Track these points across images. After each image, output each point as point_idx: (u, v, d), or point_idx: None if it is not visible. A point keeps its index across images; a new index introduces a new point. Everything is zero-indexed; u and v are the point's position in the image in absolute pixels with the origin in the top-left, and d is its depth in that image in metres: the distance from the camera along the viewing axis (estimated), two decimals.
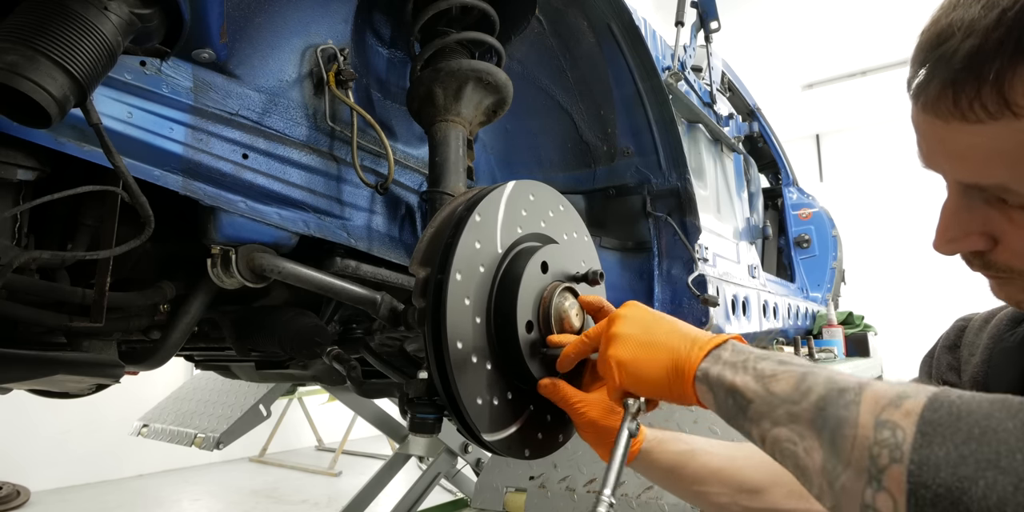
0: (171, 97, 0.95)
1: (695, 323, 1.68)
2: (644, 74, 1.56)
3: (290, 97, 1.14)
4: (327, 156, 1.20)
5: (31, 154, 0.88)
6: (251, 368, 1.99)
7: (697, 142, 2.49)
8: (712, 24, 2.45)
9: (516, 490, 1.72)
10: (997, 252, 0.56)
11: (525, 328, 0.83)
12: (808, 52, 7.28)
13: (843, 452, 0.48)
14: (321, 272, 1.15)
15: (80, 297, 0.99)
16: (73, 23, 0.74)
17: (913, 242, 8.37)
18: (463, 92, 1.17)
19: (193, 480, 5.38)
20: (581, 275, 0.93)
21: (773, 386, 0.57)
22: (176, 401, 3.60)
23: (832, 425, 0.50)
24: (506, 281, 0.85)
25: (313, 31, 1.18)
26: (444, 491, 3.75)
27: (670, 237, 1.69)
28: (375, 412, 3.35)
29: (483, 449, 0.85)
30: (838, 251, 4.11)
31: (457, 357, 0.77)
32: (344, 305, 1.45)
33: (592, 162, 1.72)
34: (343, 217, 1.23)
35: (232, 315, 1.33)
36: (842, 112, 8.91)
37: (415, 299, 0.84)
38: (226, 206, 1.02)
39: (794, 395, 0.54)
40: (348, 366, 1.40)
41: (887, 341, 4.87)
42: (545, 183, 0.99)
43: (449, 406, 0.79)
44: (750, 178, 3.30)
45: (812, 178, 9.18)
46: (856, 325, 3.85)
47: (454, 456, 2.96)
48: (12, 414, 4.60)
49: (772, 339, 2.84)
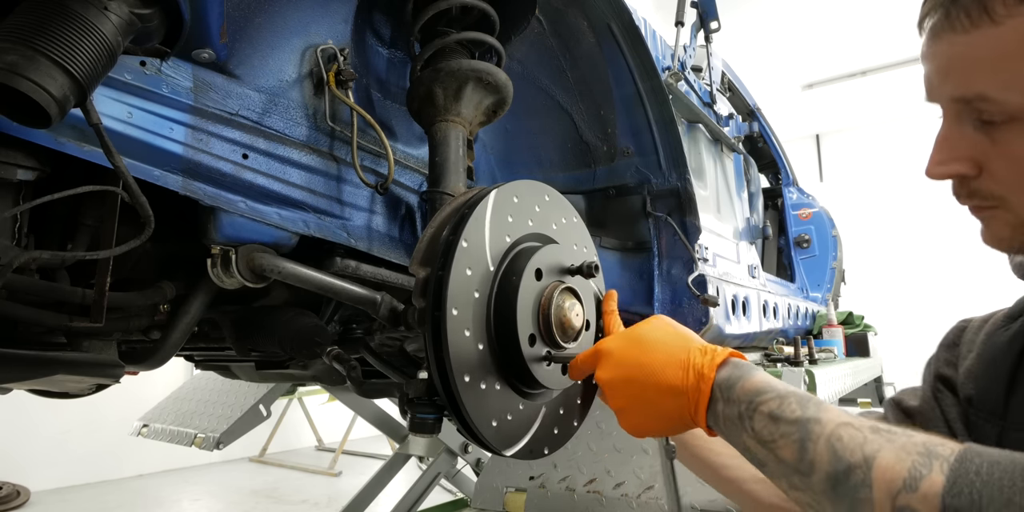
0: (171, 97, 0.95)
1: (695, 323, 1.67)
2: (644, 74, 1.56)
3: (290, 97, 1.14)
4: (327, 156, 1.20)
5: (31, 154, 0.88)
6: (251, 368, 1.99)
7: (697, 142, 2.49)
8: (712, 24, 2.45)
9: (516, 490, 1.72)
10: (982, 179, 0.60)
11: (528, 342, 0.83)
12: (808, 52, 7.28)
13: None
14: (321, 272, 1.15)
15: (80, 297, 0.99)
16: (73, 23, 0.74)
17: (913, 242, 8.38)
18: (463, 92, 1.17)
19: (193, 480, 5.38)
20: (576, 268, 0.92)
21: (779, 453, 0.56)
22: (176, 401, 3.59)
23: (849, 504, 0.49)
24: (505, 284, 0.85)
25: (313, 31, 1.18)
26: (444, 491, 3.75)
27: (670, 237, 1.69)
28: (375, 412, 3.35)
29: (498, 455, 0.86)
30: (838, 251, 4.11)
31: (458, 359, 0.77)
32: (344, 305, 1.45)
33: (592, 162, 1.72)
34: (343, 217, 1.23)
35: (232, 315, 1.33)
36: (842, 112, 8.91)
37: (415, 299, 0.84)
38: (226, 206, 1.02)
39: (801, 467, 0.54)
40: (348, 366, 1.40)
41: (887, 341, 4.87)
42: (545, 183, 0.99)
43: (449, 406, 0.79)
44: (750, 178, 3.30)
45: (812, 178, 9.18)
46: (856, 325, 3.86)
47: (454, 456, 2.96)
48: (12, 414, 4.61)
49: (772, 339, 2.84)
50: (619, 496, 1.59)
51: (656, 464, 1.63)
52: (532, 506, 1.67)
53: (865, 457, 0.49)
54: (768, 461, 0.57)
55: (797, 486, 0.54)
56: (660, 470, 1.47)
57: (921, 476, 0.46)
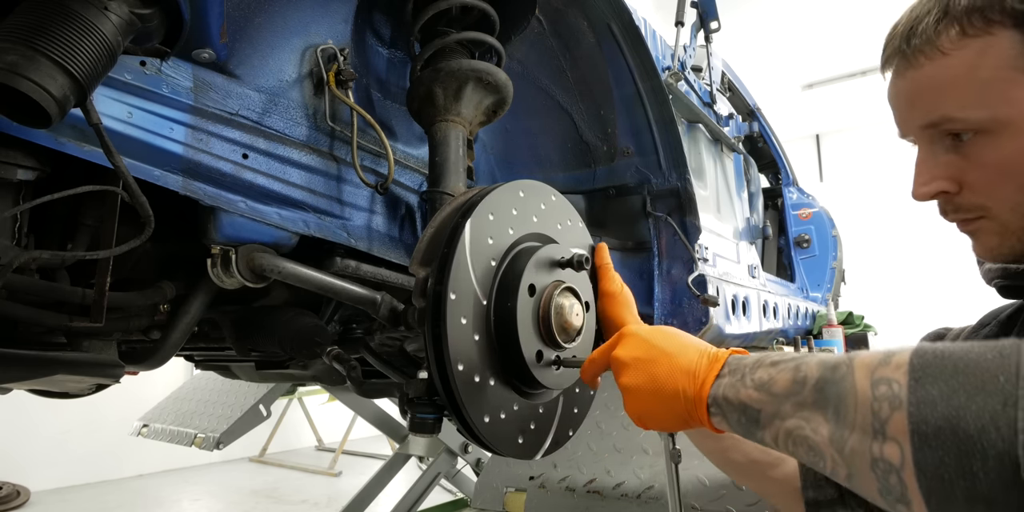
0: (171, 97, 0.95)
1: (695, 323, 1.67)
2: (644, 74, 1.56)
3: (290, 97, 1.14)
4: (327, 156, 1.20)
5: (31, 154, 0.88)
6: (251, 368, 1.99)
7: (697, 142, 2.49)
8: (712, 24, 2.44)
9: (516, 490, 1.72)
10: (963, 194, 0.68)
11: (536, 358, 0.84)
12: (808, 52, 7.28)
13: (847, 418, 0.51)
14: (321, 272, 1.15)
15: (80, 297, 0.99)
16: (73, 23, 0.74)
17: (913, 242, 8.37)
18: (463, 92, 1.17)
19: (193, 480, 5.38)
20: (565, 260, 0.90)
21: (773, 388, 0.59)
22: (176, 401, 3.60)
23: (834, 399, 0.53)
24: (505, 284, 0.85)
25: (313, 31, 1.18)
26: (444, 491, 3.75)
27: (670, 237, 1.69)
28: (375, 412, 3.35)
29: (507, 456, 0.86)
30: (838, 251, 4.10)
31: (458, 358, 0.77)
32: (344, 305, 1.45)
33: (592, 162, 1.72)
34: (343, 217, 1.23)
35: (232, 315, 1.33)
36: (842, 112, 8.91)
37: (415, 299, 0.84)
38: (226, 206, 1.02)
39: (794, 387, 0.57)
40: (348, 366, 1.40)
41: (887, 341, 4.86)
42: (545, 183, 0.99)
43: (449, 406, 0.79)
44: (750, 178, 3.30)
45: (812, 178, 9.17)
46: (856, 325, 3.86)
47: (454, 456, 2.96)
48: (12, 414, 4.60)
49: (772, 339, 2.84)
50: (619, 496, 1.59)
51: (656, 464, 1.63)
52: (532, 506, 1.67)
53: (848, 357, 0.55)
54: (762, 406, 0.59)
55: (787, 413, 0.56)
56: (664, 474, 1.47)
57: (894, 354, 0.51)
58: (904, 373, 0.49)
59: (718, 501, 1.47)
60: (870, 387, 0.50)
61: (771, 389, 0.59)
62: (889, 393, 0.49)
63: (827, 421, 0.53)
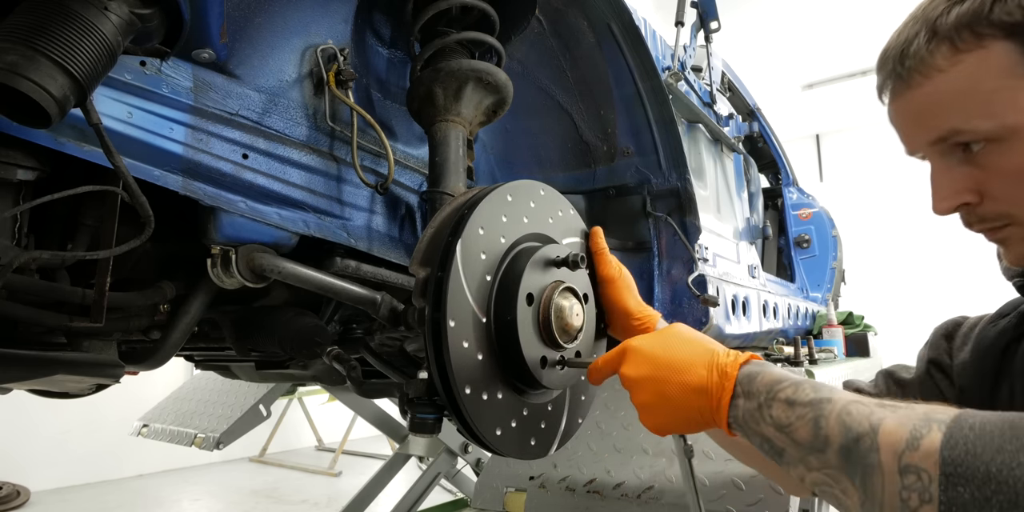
0: (171, 97, 0.95)
1: (695, 323, 1.67)
2: (644, 74, 1.56)
3: (290, 97, 1.14)
4: (327, 156, 1.20)
5: (31, 154, 0.88)
6: (251, 368, 1.99)
7: (697, 142, 2.49)
8: (712, 24, 2.44)
9: (516, 490, 1.72)
10: (985, 204, 0.67)
11: (540, 363, 0.84)
12: (808, 52, 7.27)
13: (875, 495, 0.52)
14: (321, 272, 1.15)
15: (80, 297, 0.99)
16: (73, 23, 0.74)
17: (913, 242, 8.37)
18: (463, 92, 1.17)
19: (193, 480, 5.38)
20: (560, 260, 0.90)
21: (794, 436, 0.60)
22: (176, 401, 3.59)
23: (860, 472, 0.53)
24: (505, 284, 0.84)
25: (313, 31, 1.18)
26: (444, 491, 3.75)
27: (670, 237, 1.69)
28: (375, 412, 3.35)
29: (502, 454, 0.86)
30: (838, 251, 4.10)
31: (464, 382, 0.77)
32: (344, 305, 1.45)
33: (592, 162, 1.72)
34: (343, 217, 1.23)
35: (232, 315, 1.33)
36: (842, 112, 8.91)
37: (415, 299, 0.84)
38: (226, 206, 1.02)
39: (816, 444, 0.57)
40: (348, 366, 1.40)
41: (887, 341, 4.86)
42: (545, 183, 0.99)
43: (462, 427, 0.79)
44: (750, 178, 3.29)
45: (812, 178, 9.17)
46: (856, 325, 3.85)
47: (454, 456, 2.96)
48: (12, 414, 4.61)
49: (772, 339, 2.83)
50: (619, 496, 1.59)
51: (656, 464, 1.63)
52: (532, 506, 1.67)
53: (872, 425, 0.54)
54: (785, 446, 0.60)
55: (813, 466, 0.58)
56: (663, 474, 1.47)
57: (921, 436, 0.50)
58: (934, 465, 0.48)
59: (718, 501, 1.47)
60: (898, 472, 0.50)
61: (792, 436, 0.60)
62: (919, 485, 0.49)
63: (855, 489, 0.54)
